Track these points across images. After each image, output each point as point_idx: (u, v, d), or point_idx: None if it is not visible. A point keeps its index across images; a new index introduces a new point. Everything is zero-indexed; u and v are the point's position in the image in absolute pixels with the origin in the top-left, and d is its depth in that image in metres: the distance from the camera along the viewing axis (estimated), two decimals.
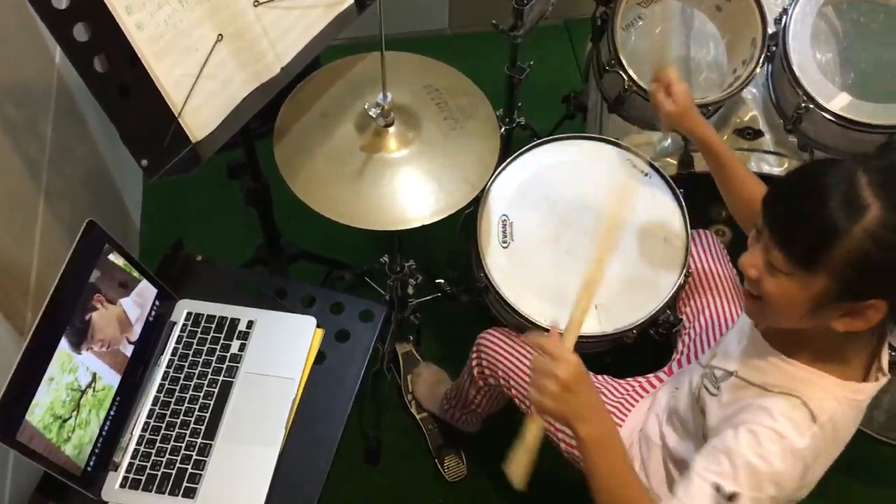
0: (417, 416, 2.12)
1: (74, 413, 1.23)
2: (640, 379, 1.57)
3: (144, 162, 1.24)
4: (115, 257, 1.32)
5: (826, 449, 1.09)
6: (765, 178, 1.81)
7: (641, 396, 1.53)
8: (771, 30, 1.70)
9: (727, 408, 1.17)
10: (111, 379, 1.31)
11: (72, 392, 1.23)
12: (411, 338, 2.19)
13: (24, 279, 1.56)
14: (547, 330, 1.54)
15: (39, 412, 1.17)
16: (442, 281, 2.12)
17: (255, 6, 1.33)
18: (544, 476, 2.01)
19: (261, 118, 1.42)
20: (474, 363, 1.68)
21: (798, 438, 1.05)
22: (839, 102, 1.64)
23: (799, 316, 1.06)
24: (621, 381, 1.57)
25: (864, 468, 2.04)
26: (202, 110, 1.30)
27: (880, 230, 0.95)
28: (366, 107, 1.45)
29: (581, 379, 1.10)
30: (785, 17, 1.69)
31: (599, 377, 1.58)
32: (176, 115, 1.26)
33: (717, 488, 1.05)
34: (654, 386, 1.54)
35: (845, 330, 1.03)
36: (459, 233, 2.07)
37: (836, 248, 0.97)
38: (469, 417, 1.93)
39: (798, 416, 1.06)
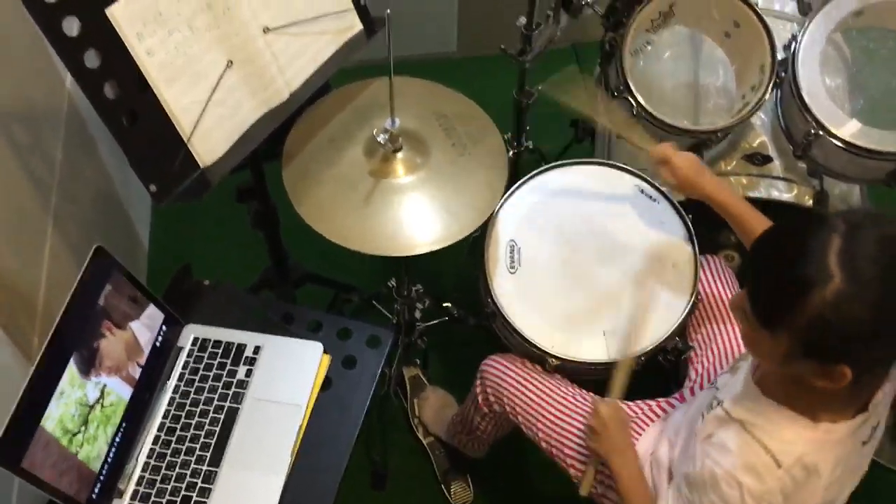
0: (424, 441, 2.10)
1: (83, 428, 1.23)
2: (650, 402, 1.56)
3: (153, 187, 1.25)
4: (123, 283, 1.32)
5: (802, 489, 1.09)
6: (774, 204, 1.82)
7: (652, 420, 1.52)
8: (780, 56, 1.70)
9: (707, 433, 1.19)
10: (120, 391, 1.31)
11: (80, 407, 1.22)
12: (418, 361, 2.19)
13: (31, 302, 1.56)
14: (552, 355, 1.54)
15: (51, 425, 1.17)
16: (449, 305, 2.11)
17: (265, 33, 1.34)
18: (551, 500, 2.02)
19: (270, 141, 1.42)
20: (478, 390, 1.67)
21: (756, 484, 1.08)
22: (849, 129, 1.63)
23: (773, 364, 1.08)
24: (630, 404, 1.56)
25: (877, 497, 2.01)
26: (211, 136, 1.31)
27: (839, 301, 0.95)
28: (374, 132, 1.46)
29: (607, 426, 1.41)
30: (794, 43, 1.69)
31: None
32: (185, 140, 1.27)
33: None
34: (664, 411, 1.53)
35: (822, 387, 1.03)
36: (467, 256, 2.07)
37: (797, 311, 0.97)
38: (475, 443, 1.92)
39: (758, 462, 1.08)
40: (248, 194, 1.76)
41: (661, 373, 1.68)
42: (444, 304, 2.11)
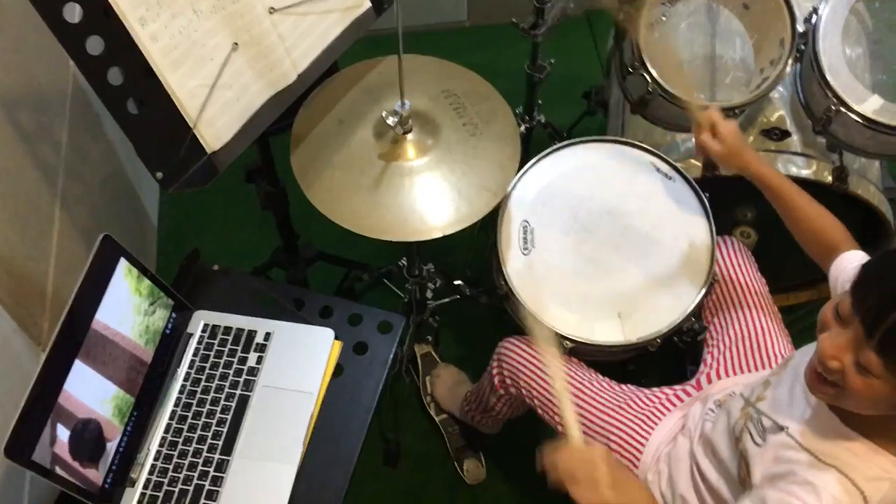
0: (437, 418, 2.10)
1: None
2: (666, 391, 1.53)
3: (160, 175, 1.22)
4: (131, 271, 1.31)
5: None
6: (793, 181, 1.78)
7: (668, 410, 1.49)
8: (800, 28, 1.65)
9: (771, 465, 1.12)
10: (128, 389, 1.30)
11: None
12: (430, 339, 2.18)
13: (40, 289, 1.55)
14: (566, 337, 1.52)
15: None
16: (461, 283, 2.09)
17: (271, 13, 1.31)
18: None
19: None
20: (495, 371, 1.66)
21: None
22: (870, 105, 1.59)
23: (880, 411, 1.01)
24: (647, 392, 1.54)
25: None
26: (218, 120, 1.28)
27: None
28: (383, 115, 1.42)
29: (596, 462, 1.08)
30: (815, 15, 1.64)
31: (625, 387, 1.55)
32: (191, 126, 1.24)
33: None
34: (681, 400, 1.51)
35: None
36: (478, 232, 2.05)
37: None
38: (489, 420, 1.92)
39: (846, 499, 1.01)
40: (257, 175, 1.74)
41: (677, 354, 1.67)
42: (456, 283, 2.09)
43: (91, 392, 1.22)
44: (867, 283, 0.98)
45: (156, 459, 1.30)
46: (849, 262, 1.26)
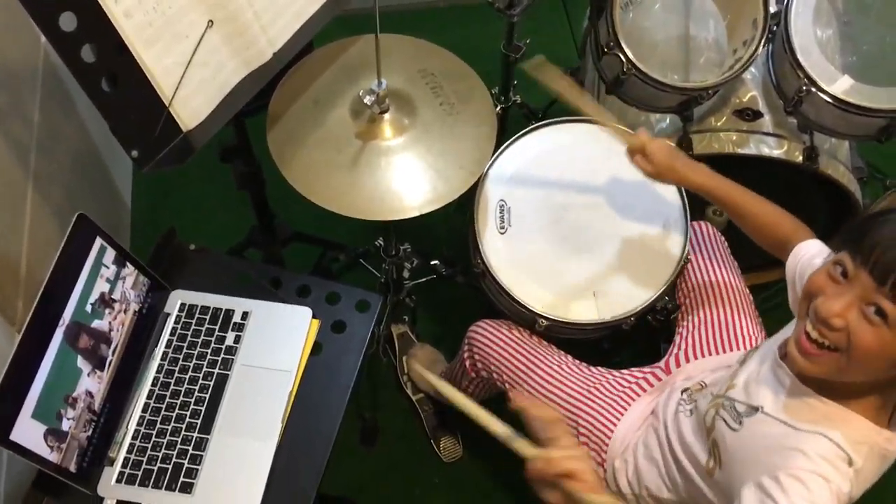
0: (413, 398, 2.11)
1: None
2: (636, 374, 1.54)
3: (135, 153, 1.21)
4: (106, 249, 1.30)
5: (854, 488, 1.04)
6: (765, 160, 1.81)
7: (638, 395, 1.49)
8: (773, 8, 1.67)
9: (751, 445, 1.12)
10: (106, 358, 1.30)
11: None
12: (406, 319, 2.18)
13: (13, 269, 1.54)
14: (541, 316, 1.54)
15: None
16: (437, 262, 2.10)
17: None
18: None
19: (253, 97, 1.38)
20: (466, 355, 1.67)
21: (842, 482, 1.01)
22: (841, 86, 1.61)
23: (880, 371, 1.01)
24: (616, 375, 1.54)
25: None
26: (193, 99, 1.27)
27: None
28: (360, 94, 1.42)
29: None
30: None
31: (595, 370, 1.56)
32: (166, 104, 1.23)
33: None
34: (650, 384, 1.51)
35: None
36: (455, 211, 2.05)
37: None
38: None
39: (835, 458, 1.01)
40: (233, 154, 1.73)
41: (650, 333, 1.69)
42: (433, 262, 2.10)
43: (68, 369, 1.22)
44: (873, 235, 0.98)
45: (134, 438, 1.30)
46: (805, 253, 1.26)
